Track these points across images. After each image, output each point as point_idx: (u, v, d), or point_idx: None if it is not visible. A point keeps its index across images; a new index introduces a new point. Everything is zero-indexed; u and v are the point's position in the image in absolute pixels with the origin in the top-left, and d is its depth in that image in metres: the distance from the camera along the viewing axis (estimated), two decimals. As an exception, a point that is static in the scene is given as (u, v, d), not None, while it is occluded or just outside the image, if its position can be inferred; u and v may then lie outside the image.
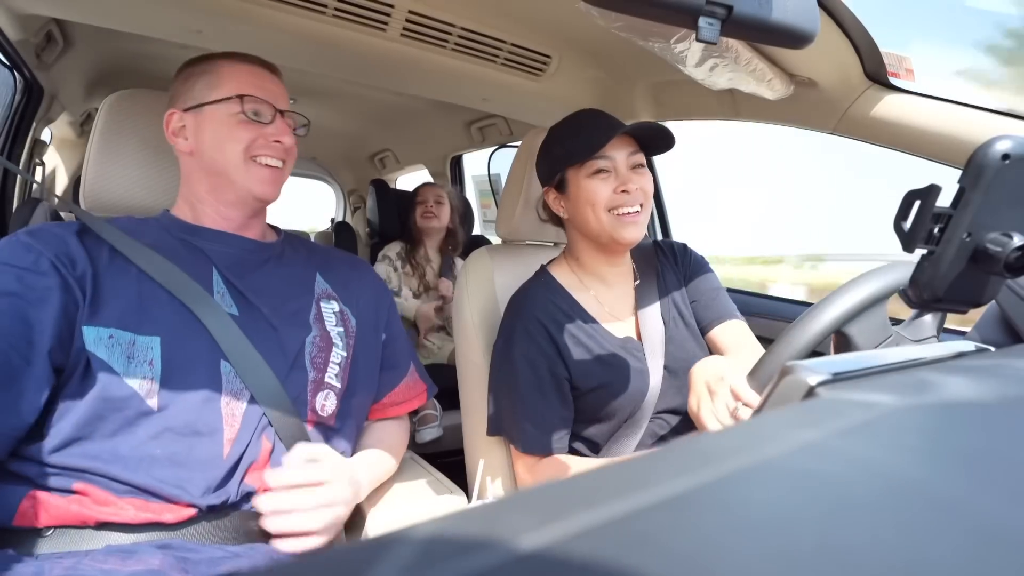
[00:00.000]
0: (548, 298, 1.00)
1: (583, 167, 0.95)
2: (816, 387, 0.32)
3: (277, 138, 0.85)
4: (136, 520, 0.69)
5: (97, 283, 0.74)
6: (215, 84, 0.85)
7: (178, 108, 0.86)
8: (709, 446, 0.20)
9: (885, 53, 0.94)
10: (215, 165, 0.84)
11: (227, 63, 0.86)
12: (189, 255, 0.83)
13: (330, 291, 0.94)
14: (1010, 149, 0.45)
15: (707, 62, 0.89)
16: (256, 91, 0.85)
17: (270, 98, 0.86)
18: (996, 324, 0.82)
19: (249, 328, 0.80)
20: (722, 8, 0.55)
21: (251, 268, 0.87)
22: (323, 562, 0.14)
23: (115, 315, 0.73)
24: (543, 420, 0.95)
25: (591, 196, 0.95)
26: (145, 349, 0.73)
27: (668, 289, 1.06)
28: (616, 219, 0.94)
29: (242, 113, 0.83)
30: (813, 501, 0.16)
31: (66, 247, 0.74)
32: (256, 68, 0.88)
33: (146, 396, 0.71)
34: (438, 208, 2.24)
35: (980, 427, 0.24)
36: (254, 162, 0.84)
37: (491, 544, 0.13)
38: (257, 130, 0.84)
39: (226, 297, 0.82)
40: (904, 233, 0.49)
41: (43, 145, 2.07)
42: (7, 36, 1.25)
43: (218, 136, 0.83)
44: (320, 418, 0.84)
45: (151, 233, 0.83)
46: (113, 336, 0.71)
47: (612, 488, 0.16)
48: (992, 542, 0.14)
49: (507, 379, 0.98)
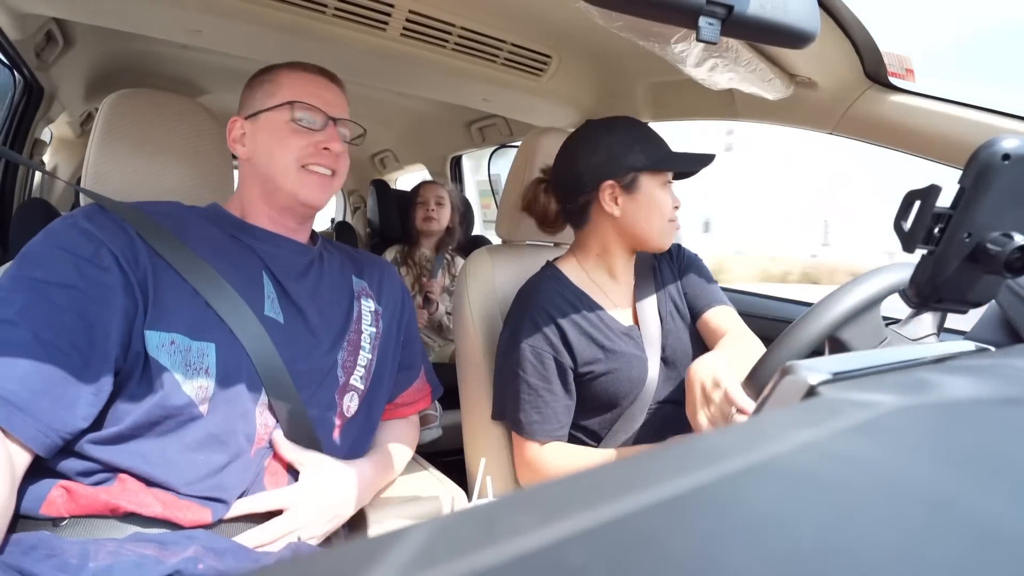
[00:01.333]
0: (556, 289, 1.03)
1: (659, 175, 1.01)
2: (816, 387, 0.32)
3: (326, 145, 0.84)
4: (161, 516, 0.68)
5: (158, 285, 0.72)
6: (272, 92, 0.85)
7: (240, 116, 0.88)
8: (709, 446, 0.20)
9: (885, 53, 0.94)
10: (267, 171, 0.84)
11: (287, 72, 0.87)
12: (240, 252, 0.82)
13: (367, 289, 0.95)
14: (1010, 149, 0.45)
15: (707, 62, 0.89)
16: (309, 98, 0.85)
17: (323, 105, 0.86)
18: (996, 324, 0.82)
19: (290, 337, 0.80)
20: (722, 8, 0.55)
21: (300, 273, 0.87)
22: (324, 562, 0.14)
23: (176, 320, 0.72)
24: (546, 408, 0.98)
25: (662, 206, 1.01)
26: (201, 356, 0.72)
27: (664, 284, 1.10)
28: (669, 227, 1.02)
29: (293, 120, 0.83)
30: (813, 501, 0.16)
31: (129, 242, 0.73)
32: (314, 76, 0.88)
33: (200, 403, 0.71)
34: (439, 210, 2.21)
35: (980, 427, 0.24)
36: (304, 170, 0.84)
37: (491, 544, 0.13)
38: (308, 137, 0.84)
39: (276, 303, 0.82)
40: (904, 233, 0.49)
41: (43, 145, 2.07)
42: (7, 35, 1.25)
43: (270, 143, 0.84)
44: (345, 420, 0.85)
45: (199, 224, 0.82)
46: (175, 342, 0.71)
47: (612, 488, 0.16)
48: (992, 542, 0.14)
49: (513, 368, 1.00)
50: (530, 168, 1.19)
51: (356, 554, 0.13)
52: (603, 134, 1.04)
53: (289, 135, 0.83)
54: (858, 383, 0.32)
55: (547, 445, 0.99)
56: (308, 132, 0.84)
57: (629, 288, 1.09)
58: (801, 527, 0.15)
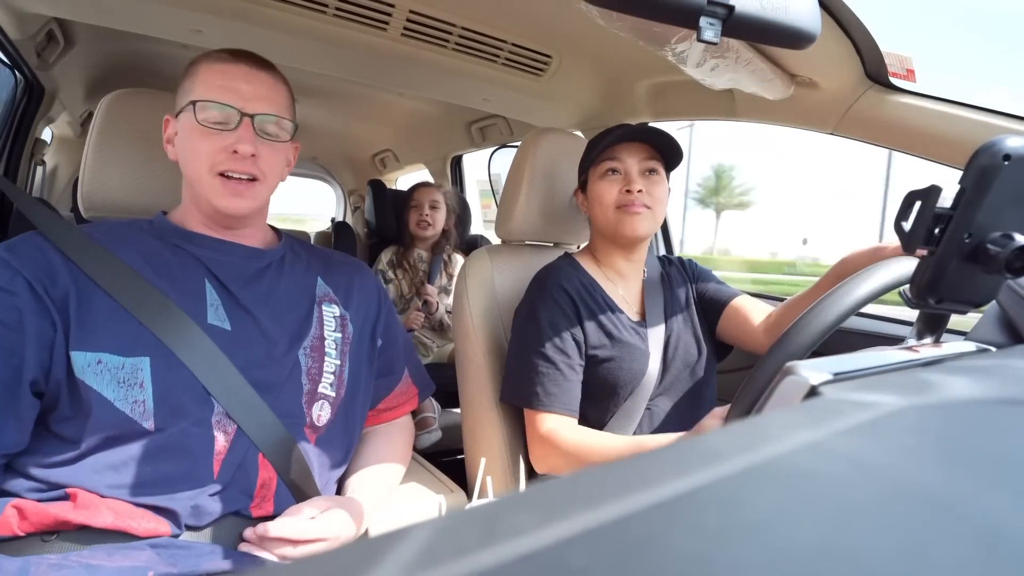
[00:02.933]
0: (573, 273, 1.07)
1: (598, 168, 1.05)
2: (817, 387, 0.32)
3: (235, 147, 0.76)
4: (113, 527, 0.67)
5: (81, 304, 0.70)
6: (188, 87, 0.79)
7: (171, 113, 0.83)
8: (710, 446, 0.20)
9: (886, 53, 0.94)
10: (188, 177, 0.80)
11: (204, 62, 0.79)
12: (179, 264, 0.79)
13: (331, 295, 0.91)
14: (1011, 150, 0.45)
15: (708, 62, 0.89)
16: (217, 93, 0.76)
17: (235, 99, 0.76)
18: (997, 325, 0.82)
19: (241, 343, 0.77)
20: (723, 8, 0.55)
21: (251, 277, 0.83)
22: (324, 562, 0.13)
23: (103, 338, 0.70)
24: (565, 381, 0.99)
25: (600, 195, 1.05)
26: (135, 371, 0.70)
27: (673, 289, 1.14)
28: (618, 214, 1.03)
29: (199, 122, 0.76)
30: (815, 501, 0.16)
31: (47, 263, 0.71)
32: (229, 65, 0.78)
33: (141, 419, 0.69)
34: (433, 214, 2.17)
35: (981, 428, 0.24)
36: (220, 176, 0.77)
37: (492, 544, 0.13)
38: (219, 140, 0.76)
39: (220, 311, 0.78)
40: (905, 234, 0.49)
41: (43, 144, 2.07)
42: (8, 35, 1.25)
43: (185, 147, 0.78)
44: (316, 429, 0.83)
45: (139, 239, 0.79)
46: (102, 361, 0.69)
47: (614, 488, 0.16)
48: (993, 543, 0.14)
49: (530, 343, 1.01)
50: (530, 168, 1.19)
51: (357, 554, 0.13)
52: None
53: (198, 138, 0.76)
54: (859, 383, 0.32)
55: (564, 418, 0.98)
56: (218, 133, 0.76)
57: (638, 288, 1.12)
58: (803, 527, 0.15)
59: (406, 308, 2.10)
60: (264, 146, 0.79)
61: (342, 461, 0.89)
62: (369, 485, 0.90)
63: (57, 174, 2.45)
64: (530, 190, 1.19)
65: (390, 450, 0.98)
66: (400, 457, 1.00)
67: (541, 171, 1.20)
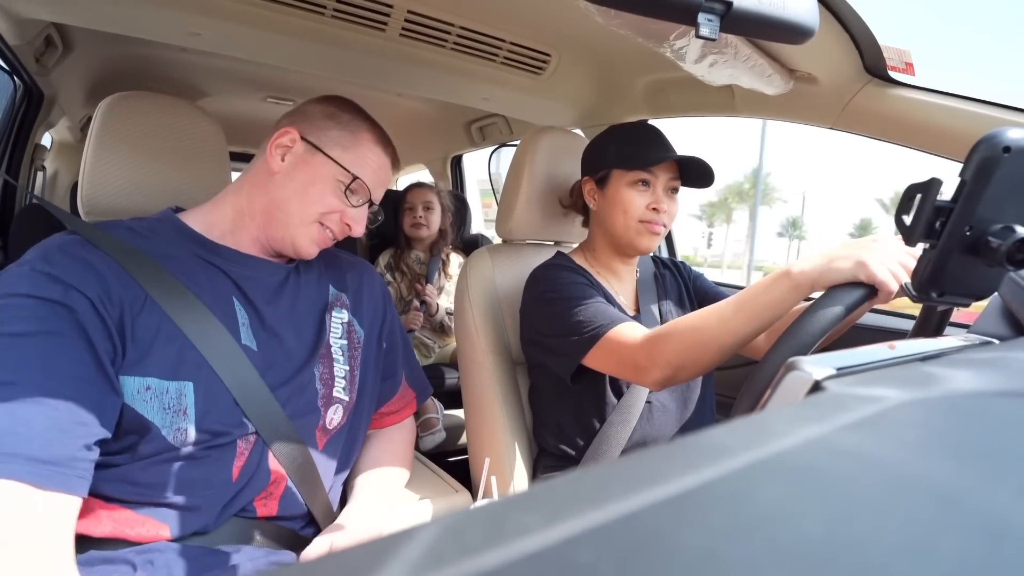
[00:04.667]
0: (570, 266, 1.06)
1: (628, 174, 1.02)
2: (821, 382, 0.32)
3: (351, 223, 0.83)
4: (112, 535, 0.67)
5: (131, 323, 0.67)
6: (348, 147, 0.82)
7: (297, 129, 0.81)
8: (715, 442, 0.20)
9: (885, 47, 0.94)
10: (282, 207, 0.80)
11: (371, 140, 0.84)
12: (206, 277, 0.76)
13: (342, 299, 0.91)
14: (1011, 142, 0.45)
15: (707, 58, 0.89)
16: (373, 185, 0.84)
17: (374, 195, 0.85)
18: (1000, 317, 0.82)
19: (268, 363, 0.76)
20: (721, 4, 0.55)
21: (274, 292, 0.82)
22: (328, 562, 0.14)
23: (151, 362, 0.67)
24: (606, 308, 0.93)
25: (627, 204, 1.02)
26: (179, 397, 0.68)
27: (666, 288, 1.15)
28: (640, 227, 1.02)
29: (345, 188, 0.81)
30: (820, 496, 0.16)
31: (95, 274, 0.66)
32: (387, 161, 0.86)
33: (182, 445, 0.68)
34: (427, 215, 2.15)
35: (985, 420, 0.24)
36: (319, 225, 0.82)
37: (498, 543, 0.13)
38: (341, 205, 0.81)
39: (248, 330, 0.77)
40: (906, 227, 0.49)
41: (43, 150, 2.07)
42: (6, 40, 1.25)
43: (308, 188, 0.80)
44: (327, 432, 0.83)
45: (159, 242, 0.75)
46: (150, 387, 0.67)
47: (619, 485, 0.16)
48: (998, 536, 0.14)
49: (556, 311, 0.96)
50: (529, 167, 1.19)
51: (363, 554, 0.13)
52: (604, 136, 1.09)
53: (329, 195, 0.80)
54: (863, 378, 0.32)
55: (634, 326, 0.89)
56: (345, 201, 0.82)
57: (631, 286, 1.12)
58: (808, 522, 0.15)
59: (406, 310, 2.10)
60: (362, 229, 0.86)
61: (347, 464, 0.89)
62: (374, 487, 0.90)
63: (57, 179, 2.45)
64: (530, 189, 1.19)
65: (392, 451, 0.98)
66: (403, 459, 1.00)
67: (541, 170, 1.19)
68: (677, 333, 0.80)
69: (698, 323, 0.79)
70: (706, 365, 0.79)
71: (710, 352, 0.77)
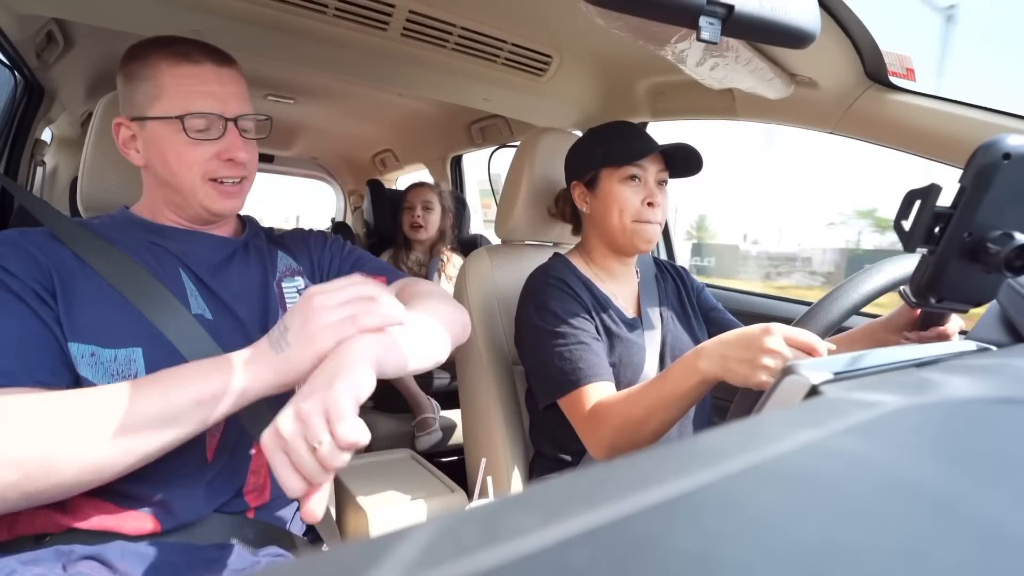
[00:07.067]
0: (568, 270, 1.05)
1: (618, 171, 1.01)
2: (818, 386, 0.32)
3: (230, 155, 0.77)
4: (101, 527, 0.66)
5: (68, 294, 0.68)
6: (156, 94, 0.76)
7: (125, 116, 0.78)
8: (712, 445, 0.20)
9: (886, 52, 0.94)
10: (171, 183, 0.78)
11: (167, 65, 0.76)
12: (153, 256, 0.77)
13: (294, 267, 0.89)
14: (1010, 148, 0.45)
15: (708, 62, 0.89)
16: (200, 102, 0.75)
17: (217, 107, 0.76)
18: (998, 323, 0.82)
19: (223, 333, 0.75)
20: (723, 8, 0.55)
21: (219, 265, 0.82)
22: (324, 562, 0.14)
23: (93, 330, 0.67)
24: (592, 354, 0.94)
25: (621, 201, 1.01)
26: (128, 363, 0.68)
27: (667, 292, 1.15)
28: (637, 227, 1.01)
29: (187, 135, 0.75)
30: (815, 501, 0.16)
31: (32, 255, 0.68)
32: (199, 68, 0.76)
33: None
34: (426, 216, 2.15)
35: (982, 427, 0.24)
36: (212, 183, 0.78)
37: (493, 544, 0.13)
38: (208, 148, 0.76)
39: (199, 300, 0.77)
40: (905, 232, 0.49)
41: (43, 145, 2.07)
42: (7, 36, 1.25)
43: (166, 157, 0.76)
44: None
45: (110, 234, 0.77)
46: (95, 354, 0.67)
47: (615, 487, 0.16)
48: (995, 542, 0.14)
49: (543, 336, 0.97)
50: (529, 168, 1.19)
51: (358, 554, 0.13)
52: (585, 138, 1.09)
53: (185, 149, 0.76)
54: (860, 383, 0.32)
55: (603, 384, 0.92)
56: (205, 142, 0.76)
57: (632, 288, 1.12)
58: (804, 526, 0.15)
59: None
60: (248, 145, 0.80)
61: None
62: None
63: (57, 174, 2.44)
64: (529, 190, 1.19)
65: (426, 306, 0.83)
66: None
67: (540, 171, 1.20)
68: (614, 416, 0.86)
69: (630, 410, 0.85)
70: (643, 445, 0.83)
71: (643, 435, 0.84)
